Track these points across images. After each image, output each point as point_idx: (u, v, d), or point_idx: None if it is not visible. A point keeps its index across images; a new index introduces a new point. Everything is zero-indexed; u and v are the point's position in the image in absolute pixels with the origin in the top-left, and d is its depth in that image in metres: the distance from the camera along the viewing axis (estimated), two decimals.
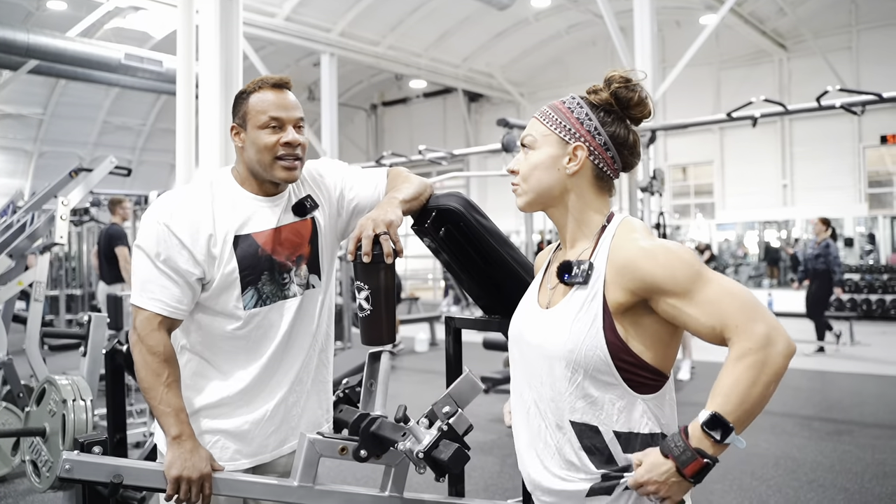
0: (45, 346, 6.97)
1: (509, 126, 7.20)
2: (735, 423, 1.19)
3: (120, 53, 11.26)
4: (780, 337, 1.20)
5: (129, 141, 19.40)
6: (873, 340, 10.18)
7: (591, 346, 1.29)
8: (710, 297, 1.23)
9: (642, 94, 1.40)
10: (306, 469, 1.68)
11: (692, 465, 1.20)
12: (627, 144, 1.41)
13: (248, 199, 1.77)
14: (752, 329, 1.19)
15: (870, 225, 15.29)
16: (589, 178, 1.40)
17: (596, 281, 1.31)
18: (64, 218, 4.75)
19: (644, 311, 1.29)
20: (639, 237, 1.32)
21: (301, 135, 1.75)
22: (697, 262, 1.26)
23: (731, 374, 1.19)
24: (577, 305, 1.32)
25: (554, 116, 1.41)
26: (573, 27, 16.85)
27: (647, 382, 1.31)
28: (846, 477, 4.38)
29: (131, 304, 1.71)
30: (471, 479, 4.36)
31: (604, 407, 1.30)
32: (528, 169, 1.42)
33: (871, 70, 14.12)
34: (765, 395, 1.19)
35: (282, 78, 1.76)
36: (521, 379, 1.45)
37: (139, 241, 1.71)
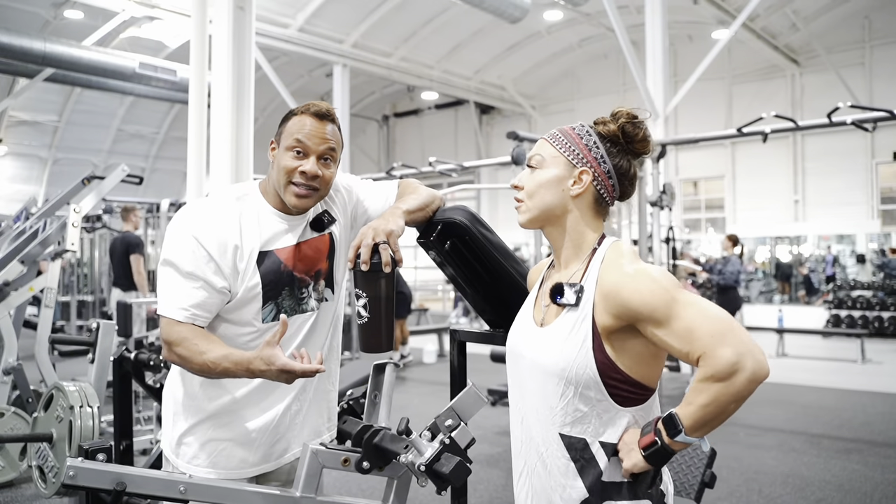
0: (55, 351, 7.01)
1: (519, 139, 7.21)
2: (688, 428, 1.29)
3: (135, 62, 11.36)
4: (749, 363, 1.24)
5: (142, 149, 19.55)
6: (885, 358, 10.10)
7: (581, 365, 1.36)
8: (683, 325, 1.29)
9: (647, 132, 1.49)
10: (309, 480, 1.68)
11: (646, 437, 1.34)
12: (628, 176, 1.50)
13: (273, 214, 1.79)
14: (718, 356, 1.25)
15: (882, 241, 15.18)
16: (589, 201, 1.48)
17: (586, 304, 1.38)
18: (76, 225, 4.78)
19: (631, 333, 1.36)
20: (625, 262, 1.39)
21: (326, 168, 1.75)
22: (674, 289, 1.32)
23: (695, 392, 1.29)
24: (568, 326, 1.39)
25: (564, 140, 1.49)
26: (585, 41, 16.89)
27: (633, 396, 1.39)
28: (855, 496, 4.34)
29: (159, 315, 1.71)
30: (476, 491, 4.35)
31: (591, 421, 1.38)
32: (534, 186, 1.48)
33: (884, 86, 14.08)
34: (723, 413, 1.28)
35: (327, 109, 1.76)
36: (516, 390, 1.53)
37: (167, 253, 1.71)
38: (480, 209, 18.17)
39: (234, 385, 1.78)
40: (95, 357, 3.98)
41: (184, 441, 1.81)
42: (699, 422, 1.28)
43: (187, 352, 1.65)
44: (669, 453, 1.32)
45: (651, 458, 1.33)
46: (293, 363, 1.57)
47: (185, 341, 1.65)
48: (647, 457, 1.33)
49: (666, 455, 1.32)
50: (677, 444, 1.31)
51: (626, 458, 1.36)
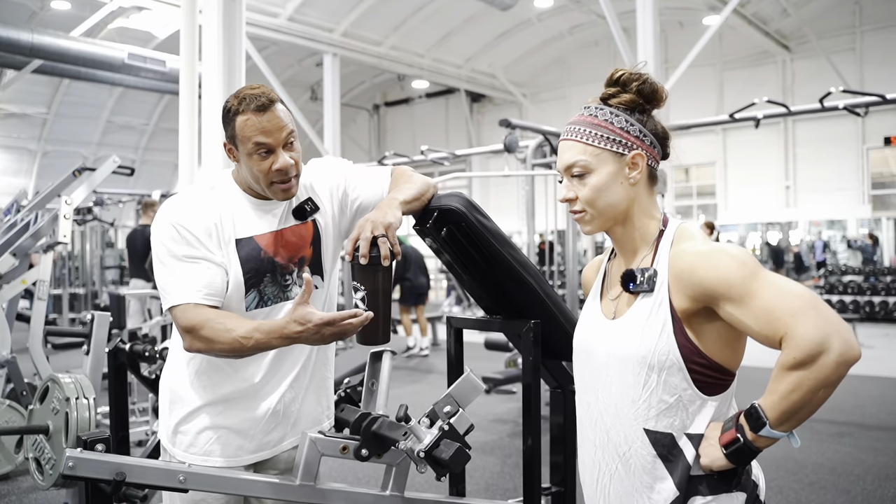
0: (49, 344, 6.98)
1: (511, 127, 7.20)
2: (773, 421, 1.19)
3: (123, 53, 11.27)
4: (836, 343, 1.13)
5: (132, 140, 19.43)
6: (876, 343, 10.16)
7: (663, 351, 1.28)
8: (762, 303, 1.20)
9: (657, 82, 1.41)
10: (308, 468, 1.69)
11: (726, 434, 1.24)
12: (665, 134, 1.42)
13: (249, 202, 1.78)
14: (801, 336, 1.15)
15: (873, 226, 15.26)
16: (645, 180, 1.39)
17: (661, 287, 1.30)
18: (67, 217, 4.76)
19: (710, 315, 1.28)
20: (697, 242, 1.31)
21: (293, 150, 1.72)
22: (754, 265, 1.23)
23: (777, 378, 1.20)
24: (645, 312, 1.31)
25: (597, 133, 1.36)
26: (576, 28, 16.85)
27: (717, 382, 1.30)
28: (848, 479, 4.38)
29: (172, 310, 1.66)
30: (472, 478, 4.37)
31: (677, 413, 1.29)
32: (593, 193, 1.36)
33: (874, 71, 14.10)
34: (811, 401, 1.17)
35: (266, 96, 1.69)
36: (589, 391, 1.43)
37: (159, 247, 1.70)
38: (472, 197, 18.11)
39: (229, 373, 1.78)
40: (90, 349, 3.96)
41: (180, 430, 1.80)
42: (785, 413, 1.18)
43: (213, 332, 1.60)
44: (754, 451, 1.23)
45: (733, 456, 1.23)
46: (331, 314, 1.53)
47: (208, 322, 1.61)
48: (728, 455, 1.24)
49: (750, 453, 1.23)
50: (762, 440, 1.21)
51: (704, 454, 1.27)
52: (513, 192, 15.45)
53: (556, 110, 17.58)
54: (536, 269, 1.97)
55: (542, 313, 1.91)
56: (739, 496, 1.30)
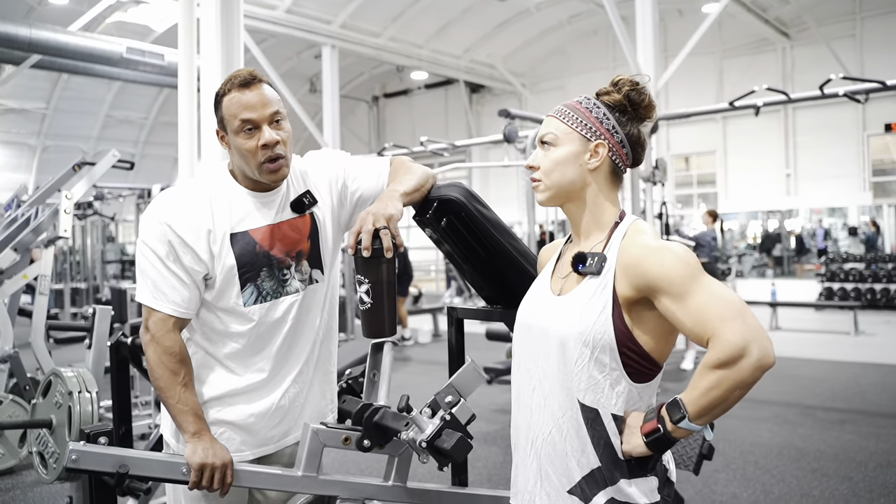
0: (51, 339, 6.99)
1: (511, 117, 7.20)
2: (692, 414, 1.29)
3: (122, 47, 11.22)
4: (756, 349, 1.23)
5: (131, 134, 19.42)
6: (877, 330, 10.18)
7: (599, 331, 1.37)
8: (698, 303, 1.29)
9: (650, 96, 1.52)
10: (310, 459, 1.69)
11: (648, 424, 1.35)
12: (640, 142, 1.52)
13: (245, 195, 1.77)
14: (726, 339, 1.25)
15: (874, 214, 15.24)
16: (606, 172, 1.49)
17: (607, 272, 1.40)
18: (68, 212, 4.77)
19: (648, 307, 1.37)
20: (648, 238, 1.41)
21: (280, 129, 1.71)
22: (696, 267, 1.33)
23: (700, 376, 1.29)
24: (589, 292, 1.41)
25: (574, 116, 1.49)
26: (574, 17, 16.79)
27: (644, 371, 1.40)
28: (850, 466, 4.39)
29: (143, 305, 1.72)
30: (474, 468, 4.38)
31: (604, 391, 1.39)
32: (551, 165, 1.49)
33: (874, 58, 14.05)
34: (727, 399, 1.27)
35: (250, 73, 1.71)
36: (529, 360, 1.51)
37: (144, 239, 1.71)
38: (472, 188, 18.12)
39: (233, 370, 1.78)
40: (92, 343, 3.97)
41: None
42: (704, 408, 1.28)
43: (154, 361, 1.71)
44: (671, 440, 1.33)
45: (652, 444, 1.34)
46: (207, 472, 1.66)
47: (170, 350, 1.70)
48: (648, 443, 1.34)
49: (668, 442, 1.33)
50: (680, 431, 1.31)
51: (626, 441, 1.37)
52: (513, 182, 15.46)
53: (555, 100, 17.16)
54: (536, 259, 1.96)
55: None
56: (653, 480, 1.40)
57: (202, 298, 1.75)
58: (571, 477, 1.41)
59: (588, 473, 1.39)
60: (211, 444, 1.68)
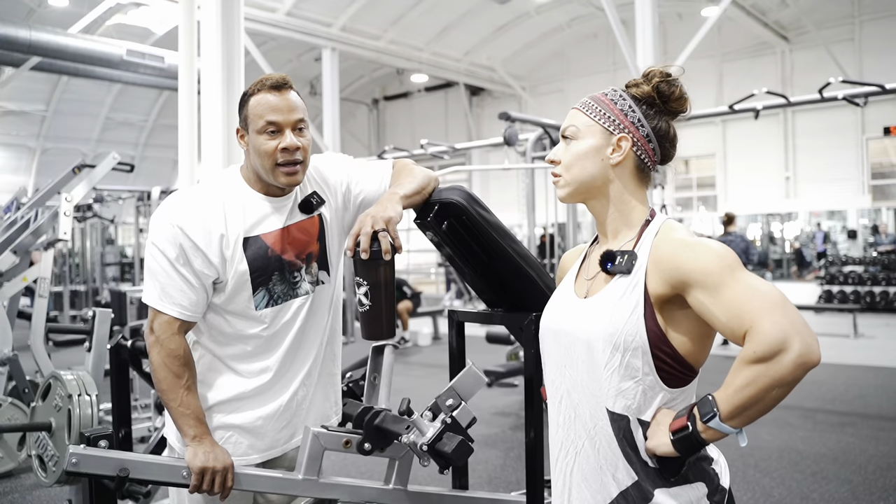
0: (50, 341, 6.98)
1: (511, 119, 7.20)
2: (723, 413, 1.19)
3: (122, 50, 11.23)
4: (797, 344, 1.13)
5: (131, 137, 19.41)
6: (877, 332, 10.18)
7: (630, 332, 1.28)
8: (733, 296, 1.20)
9: (682, 89, 1.42)
10: (311, 462, 1.69)
11: (677, 421, 1.25)
12: (668, 137, 1.43)
13: (257, 199, 1.77)
14: (764, 332, 1.15)
15: (873, 217, 15.24)
16: (631, 168, 1.41)
17: (638, 270, 1.31)
18: (67, 214, 4.77)
19: (681, 305, 1.28)
20: (682, 234, 1.33)
21: (302, 136, 1.73)
22: (733, 260, 1.24)
23: (735, 372, 1.19)
24: (619, 292, 1.32)
25: (597, 107, 1.41)
26: (574, 20, 16.79)
27: (678, 376, 1.31)
28: (850, 469, 4.39)
29: (149, 307, 1.71)
30: (475, 472, 4.38)
31: (636, 397, 1.30)
32: (572, 159, 1.41)
33: (874, 61, 14.06)
34: (763, 399, 1.16)
35: (282, 78, 1.73)
36: (555, 368, 1.43)
37: (154, 241, 1.70)
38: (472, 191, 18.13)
39: (241, 372, 1.78)
40: (92, 345, 3.97)
41: None
42: (737, 407, 1.17)
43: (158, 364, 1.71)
44: (700, 442, 1.22)
45: (679, 443, 1.23)
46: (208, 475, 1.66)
47: (174, 353, 1.70)
48: (674, 441, 1.23)
49: (696, 444, 1.22)
50: (710, 432, 1.20)
51: (652, 437, 1.28)
52: (513, 185, 15.43)
53: (555, 103, 17.54)
54: (537, 262, 1.96)
55: (544, 306, 1.90)
56: (700, 487, 1.31)
57: (211, 302, 1.75)
58: (607, 493, 1.32)
59: (625, 489, 1.30)
60: (212, 447, 1.68)
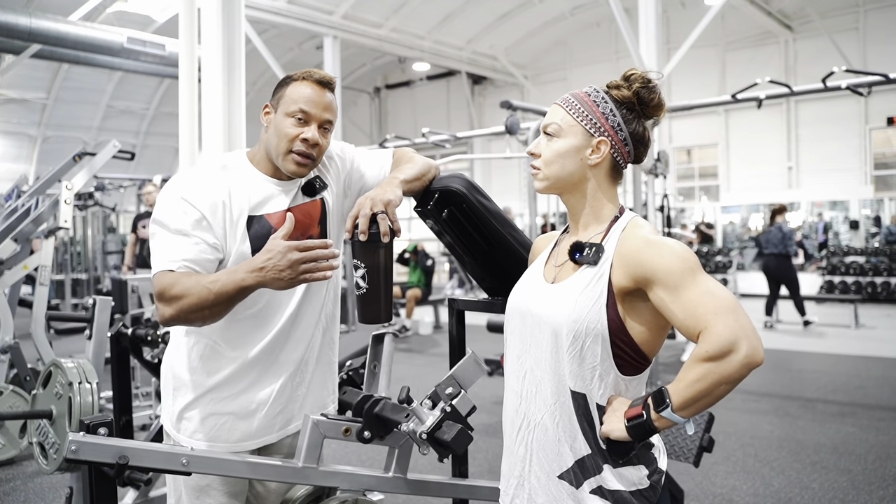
0: (51, 329, 6.99)
1: (513, 108, 7.17)
2: (675, 405, 1.30)
3: (122, 37, 11.19)
4: (745, 346, 1.24)
5: (132, 125, 19.37)
6: (878, 323, 10.17)
7: (593, 320, 1.38)
8: (692, 297, 1.30)
9: (661, 96, 1.50)
10: (310, 450, 1.69)
11: (632, 409, 1.35)
12: (644, 141, 1.51)
13: (263, 180, 1.78)
14: (717, 334, 1.26)
15: (876, 207, 15.22)
16: (606, 169, 1.49)
17: (604, 262, 1.41)
18: (68, 202, 4.76)
19: (642, 298, 1.38)
20: (647, 232, 1.42)
21: (325, 136, 1.76)
22: (694, 263, 1.33)
23: (687, 368, 1.30)
24: (584, 282, 1.41)
25: (580, 108, 1.48)
26: (577, 9, 16.73)
27: (633, 363, 1.41)
28: (849, 459, 4.39)
29: (156, 278, 1.63)
30: (475, 460, 4.39)
31: (593, 380, 1.39)
32: (552, 155, 1.49)
33: (877, 51, 14.00)
34: (711, 393, 1.28)
35: (329, 77, 1.77)
36: (520, 345, 1.51)
37: (159, 217, 1.68)
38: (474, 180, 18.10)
39: (233, 357, 1.78)
40: (93, 333, 3.97)
41: (185, 416, 1.80)
42: (688, 399, 1.29)
43: (181, 287, 1.58)
44: (652, 429, 1.33)
45: (633, 429, 1.34)
46: (299, 242, 1.54)
47: (178, 280, 1.59)
48: (629, 427, 1.34)
49: (648, 431, 1.33)
50: (662, 421, 1.32)
51: (607, 423, 1.38)
52: (515, 174, 15.42)
53: (557, 92, 17.31)
54: None
55: None
56: (641, 469, 1.41)
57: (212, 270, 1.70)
58: (564, 462, 1.42)
59: (579, 459, 1.40)
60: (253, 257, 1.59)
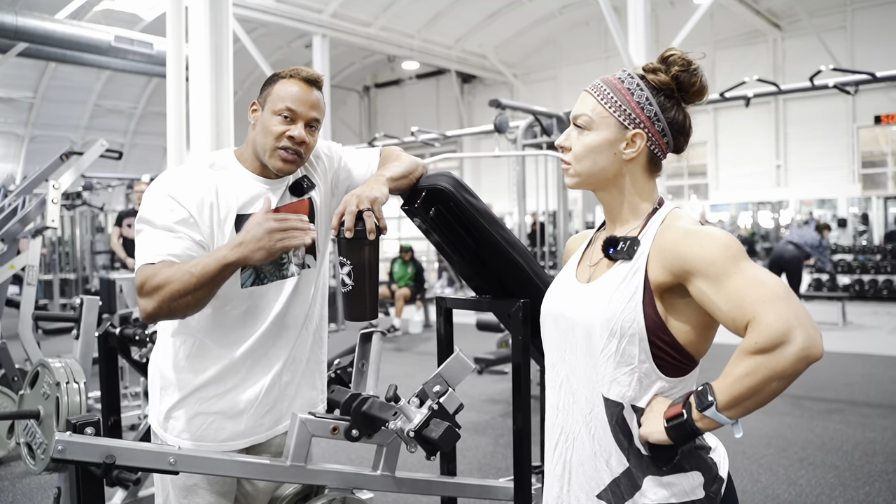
0: (39, 329, 6.95)
1: (502, 107, 7.18)
2: (721, 403, 1.17)
3: (110, 36, 11.13)
4: (800, 336, 1.10)
5: (120, 124, 19.27)
6: (865, 321, 10.25)
7: (628, 318, 1.26)
8: (736, 286, 1.18)
9: (704, 79, 1.37)
10: (298, 449, 1.69)
11: (672, 408, 1.23)
12: (684, 130, 1.40)
13: (251, 179, 1.78)
14: (767, 323, 1.12)
15: (863, 206, 15.31)
16: (643, 162, 1.37)
17: (640, 256, 1.29)
18: (55, 201, 4.73)
19: (682, 294, 1.26)
20: (686, 223, 1.30)
21: (311, 134, 1.76)
22: (738, 250, 1.21)
23: (734, 362, 1.17)
24: (619, 278, 1.30)
25: (612, 97, 1.35)
26: (566, 7, 16.74)
27: (676, 364, 1.29)
28: (836, 455, 4.43)
29: (138, 270, 1.62)
30: (464, 458, 4.39)
31: (631, 384, 1.28)
32: (583, 150, 1.36)
33: (865, 50, 14.08)
34: (762, 390, 1.14)
35: (316, 76, 1.78)
36: (555, 353, 1.42)
37: (144, 214, 1.67)
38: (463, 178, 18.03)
39: (220, 355, 1.77)
40: (80, 333, 3.95)
41: (172, 415, 1.80)
42: (735, 397, 1.15)
43: (163, 276, 1.57)
44: (695, 431, 1.20)
45: (672, 430, 1.21)
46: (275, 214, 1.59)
47: (159, 271, 1.58)
48: (668, 429, 1.21)
49: (690, 432, 1.20)
50: (705, 421, 1.18)
51: (645, 424, 1.26)
52: (504, 172, 15.43)
53: (546, 91, 17.52)
54: (525, 249, 1.96)
55: (531, 292, 1.90)
56: (695, 476, 1.29)
57: None
58: (601, 480, 1.31)
59: (617, 476, 1.29)
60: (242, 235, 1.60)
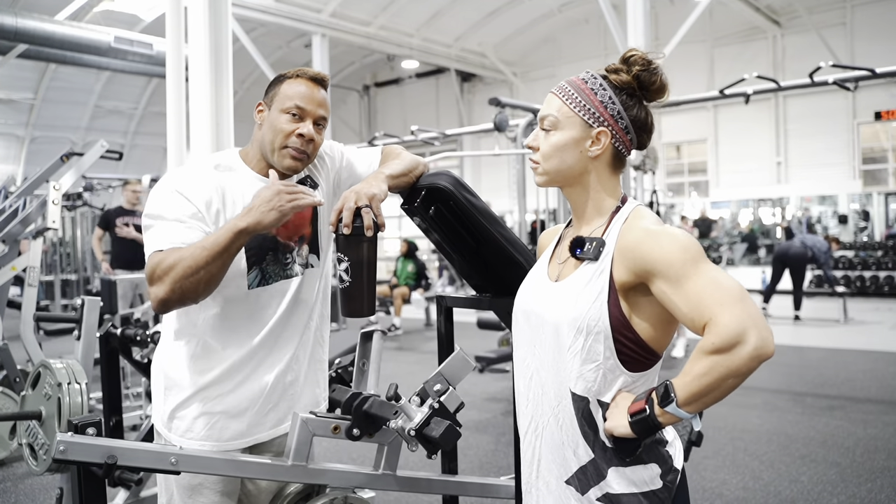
0: (41, 330, 6.95)
1: (501, 105, 7.18)
2: (680, 399, 1.23)
3: (109, 37, 11.14)
4: (753, 337, 1.18)
5: (121, 125, 19.28)
6: (867, 317, 10.24)
7: (594, 318, 1.32)
8: (695, 288, 1.24)
9: (663, 78, 1.42)
10: (300, 448, 1.70)
11: (635, 404, 1.30)
12: (646, 126, 1.45)
13: (256, 179, 1.78)
14: (723, 325, 1.19)
15: (864, 202, 15.31)
16: (608, 159, 1.43)
17: (605, 257, 1.35)
18: (56, 202, 4.74)
19: (645, 292, 1.32)
20: (649, 223, 1.35)
21: (319, 133, 1.78)
22: (697, 253, 1.27)
23: (693, 361, 1.23)
24: (585, 278, 1.36)
25: (577, 97, 1.41)
26: (565, 5, 16.75)
27: (640, 360, 1.35)
28: (838, 452, 4.43)
29: (147, 259, 1.62)
30: (466, 457, 4.40)
31: (596, 380, 1.34)
32: (550, 149, 1.42)
33: (865, 46, 14.07)
34: (719, 387, 1.21)
35: (322, 75, 1.81)
36: (526, 347, 1.47)
37: (153, 210, 1.67)
38: (463, 177, 18.03)
39: (223, 355, 1.78)
40: (82, 334, 3.95)
41: (176, 415, 1.79)
42: (694, 394, 1.22)
43: (173, 259, 1.56)
44: (657, 425, 1.27)
45: (636, 425, 1.28)
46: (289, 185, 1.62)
47: (168, 255, 1.58)
48: (632, 423, 1.28)
49: (652, 426, 1.27)
50: (666, 416, 1.26)
51: (610, 419, 1.32)
52: (504, 171, 15.44)
53: (546, 89, 16.94)
54: (525, 247, 1.97)
55: None
56: (653, 467, 1.35)
57: None
58: (568, 467, 1.38)
59: (582, 466, 1.36)
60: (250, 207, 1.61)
